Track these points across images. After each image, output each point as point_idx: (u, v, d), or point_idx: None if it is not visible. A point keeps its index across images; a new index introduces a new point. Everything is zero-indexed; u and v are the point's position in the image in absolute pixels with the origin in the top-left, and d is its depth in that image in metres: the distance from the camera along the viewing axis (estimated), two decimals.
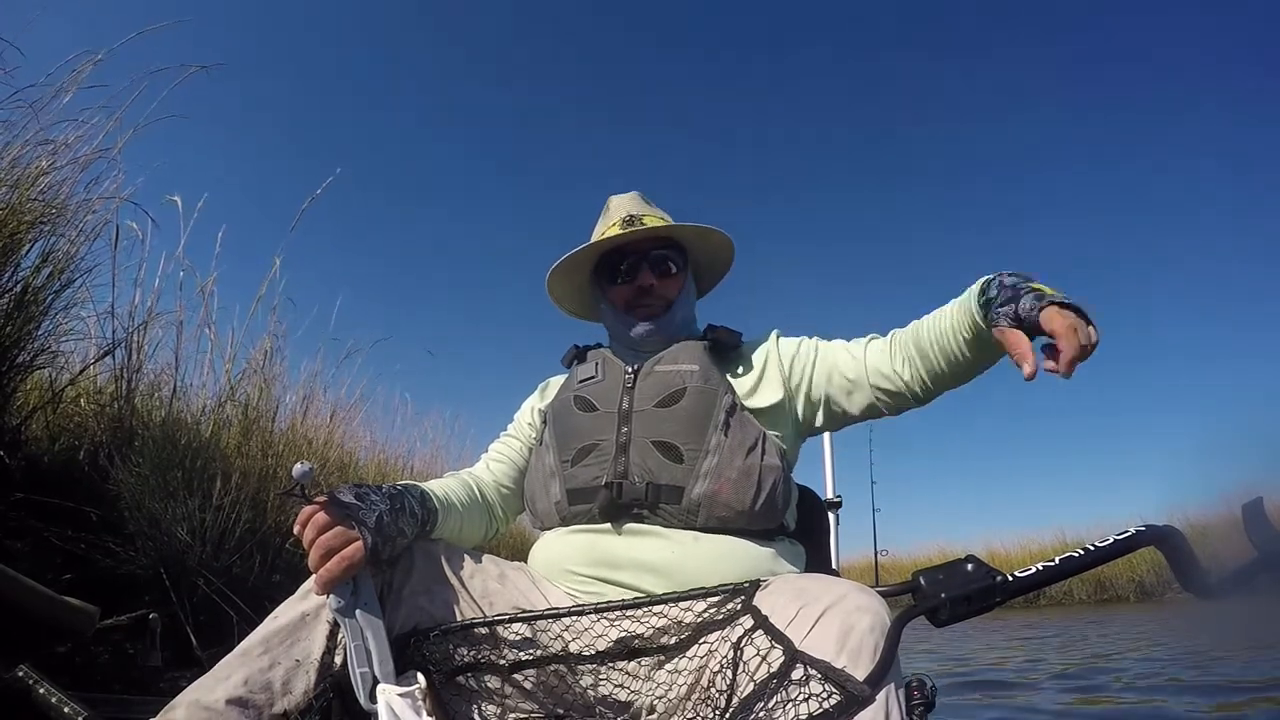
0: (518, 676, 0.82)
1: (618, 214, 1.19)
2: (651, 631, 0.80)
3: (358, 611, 0.75)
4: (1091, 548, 0.69)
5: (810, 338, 1.13)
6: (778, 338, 1.14)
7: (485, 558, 0.96)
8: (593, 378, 1.11)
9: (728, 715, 0.68)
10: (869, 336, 1.09)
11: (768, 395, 1.05)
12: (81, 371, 2.55)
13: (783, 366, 1.08)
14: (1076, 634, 6.52)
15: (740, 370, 1.09)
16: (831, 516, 2.44)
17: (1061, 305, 0.79)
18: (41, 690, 0.65)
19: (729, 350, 1.10)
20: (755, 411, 1.02)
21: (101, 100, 2.46)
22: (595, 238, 1.20)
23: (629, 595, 0.87)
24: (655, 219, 1.18)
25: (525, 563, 1.03)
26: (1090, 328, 0.78)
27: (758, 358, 1.10)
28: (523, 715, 0.83)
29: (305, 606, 0.81)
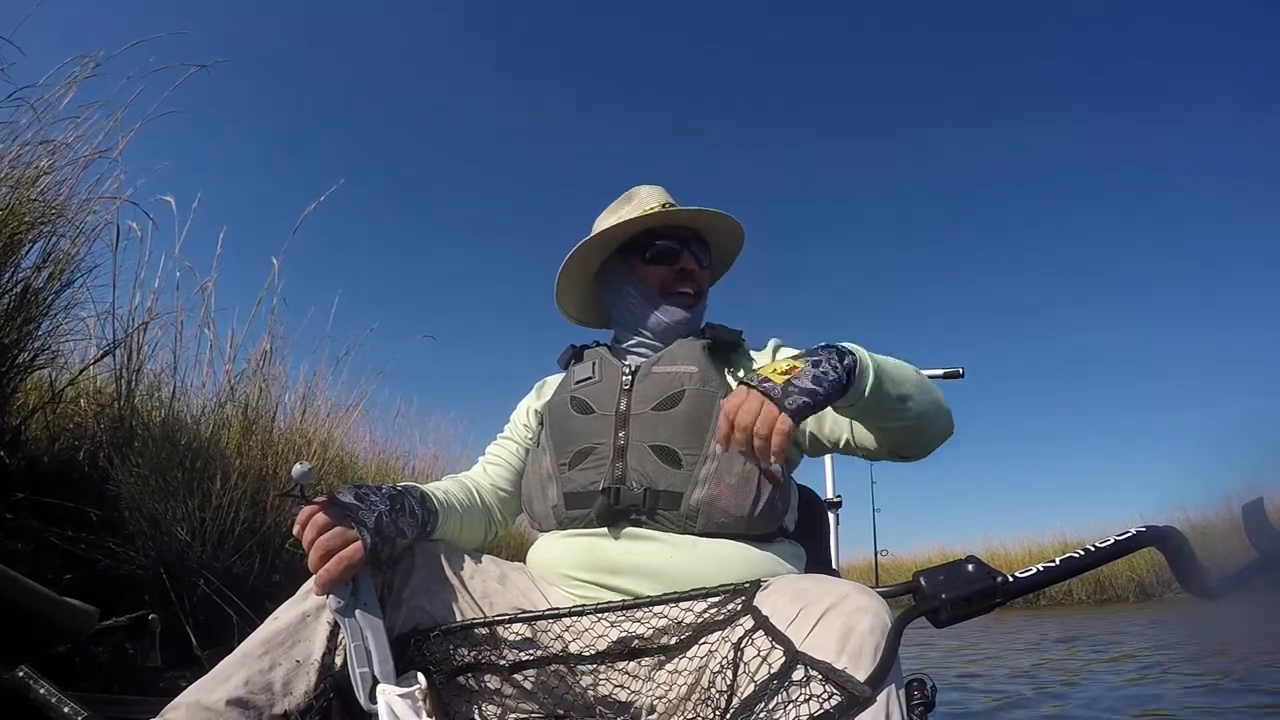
0: (518, 677, 0.82)
1: (653, 199, 1.16)
2: (652, 632, 0.80)
3: (357, 612, 0.75)
4: (1092, 548, 0.68)
5: None
6: (776, 348, 1.12)
7: (485, 558, 0.96)
8: (590, 378, 1.09)
9: (728, 716, 0.68)
10: None
11: None
12: (81, 372, 2.55)
13: None
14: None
15: (740, 372, 1.07)
16: (831, 516, 2.45)
17: (754, 386, 0.79)
18: (41, 690, 0.65)
19: (729, 350, 1.08)
20: None
21: (101, 99, 2.47)
22: (617, 221, 1.12)
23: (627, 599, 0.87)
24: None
25: (524, 563, 1.03)
26: (771, 409, 0.75)
27: (756, 364, 1.08)
28: (523, 715, 0.83)
29: (305, 607, 0.81)
